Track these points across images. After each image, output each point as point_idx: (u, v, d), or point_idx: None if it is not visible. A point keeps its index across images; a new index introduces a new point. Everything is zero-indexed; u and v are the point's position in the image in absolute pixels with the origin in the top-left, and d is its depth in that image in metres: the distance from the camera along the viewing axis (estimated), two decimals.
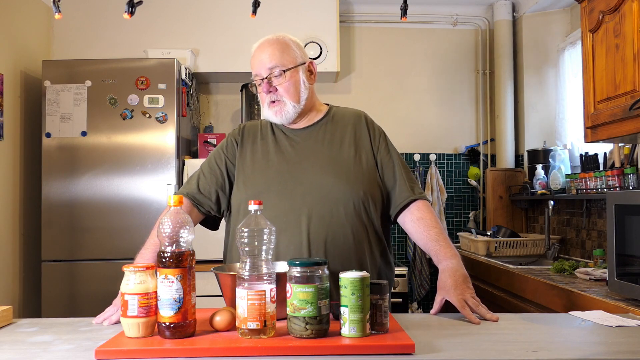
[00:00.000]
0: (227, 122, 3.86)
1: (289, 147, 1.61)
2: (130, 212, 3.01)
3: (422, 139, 3.94)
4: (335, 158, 1.58)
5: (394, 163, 1.63)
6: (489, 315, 1.35)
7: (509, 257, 3.16)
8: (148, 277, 1.14)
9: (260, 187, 1.55)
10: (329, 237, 1.48)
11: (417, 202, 1.59)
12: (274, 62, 1.58)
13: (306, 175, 1.54)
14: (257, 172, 1.59)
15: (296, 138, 1.63)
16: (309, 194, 1.51)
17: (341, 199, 1.51)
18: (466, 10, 3.94)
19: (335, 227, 1.49)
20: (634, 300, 1.78)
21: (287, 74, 1.58)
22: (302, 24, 3.53)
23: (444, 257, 1.48)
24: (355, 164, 1.58)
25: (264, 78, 1.58)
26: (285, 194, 1.52)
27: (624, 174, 2.48)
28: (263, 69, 1.58)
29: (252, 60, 1.61)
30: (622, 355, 1.08)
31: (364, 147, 1.62)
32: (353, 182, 1.54)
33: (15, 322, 1.38)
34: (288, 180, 1.54)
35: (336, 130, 1.64)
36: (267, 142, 1.64)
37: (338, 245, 1.49)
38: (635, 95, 2.05)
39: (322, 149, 1.60)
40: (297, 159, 1.58)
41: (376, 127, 1.69)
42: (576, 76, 3.36)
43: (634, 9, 2.07)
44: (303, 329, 1.11)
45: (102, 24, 3.52)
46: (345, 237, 1.50)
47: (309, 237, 1.47)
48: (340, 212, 1.51)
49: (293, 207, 1.50)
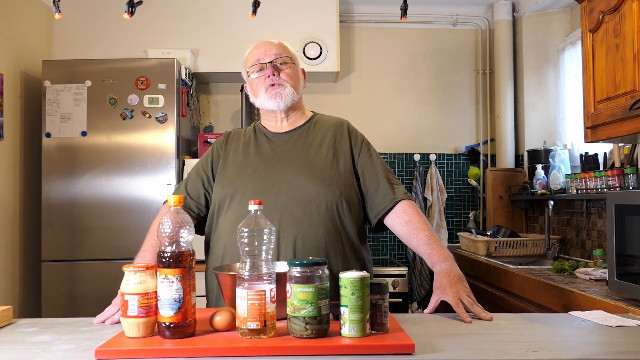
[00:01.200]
0: (227, 122, 3.86)
1: (268, 149, 1.65)
2: (130, 212, 3.01)
3: (422, 139, 3.94)
4: (312, 160, 1.61)
5: (376, 167, 1.64)
6: (483, 315, 1.35)
7: (509, 257, 3.16)
8: (148, 277, 1.14)
9: (237, 185, 1.58)
10: (299, 236, 1.49)
11: (401, 203, 1.59)
12: (281, 51, 1.65)
13: (282, 175, 1.57)
14: (235, 171, 1.62)
15: (277, 141, 1.67)
16: (283, 193, 1.54)
17: (314, 199, 1.53)
18: (466, 10, 3.94)
19: (307, 227, 1.50)
20: (634, 300, 1.78)
21: (291, 64, 1.66)
22: (302, 24, 3.54)
23: (437, 260, 1.49)
24: (332, 166, 1.60)
25: (269, 62, 1.62)
26: (260, 192, 1.54)
27: (624, 174, 2.48)
28: (268, 55, 1.63)
29: (253, 51, 1.67)
30: (622, 355, 1.08)
31: (343, 152, 1.65)
32: (328, 183, 1.56)
33: (15, 322, 1.38)
34: (264, 179, 1.57)
35: (317, 134, 1.67)
36: (249, 145, 1.68)
37: (307, 244, 1.49)
38: (635, 95, 2.05)
39: (300, 151, 1.63)
40: (275, 159, 1.61)
41: (358, 134, 1.72)
42: (576, 76, 3.36)
43: (634, 9, 2.07)
44: (303, 329, 1.11)
45: (102, 24, 3.52)
46: (316, 237, 1.50)
47: (278, 234, 1.48)
48: (313, 212, 1.52)
49: (266, 205, 1.50)
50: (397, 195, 1.60)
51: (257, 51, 1.65)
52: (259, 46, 1.67)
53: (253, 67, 1.65)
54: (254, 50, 1.67)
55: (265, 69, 1.63)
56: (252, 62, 1.66)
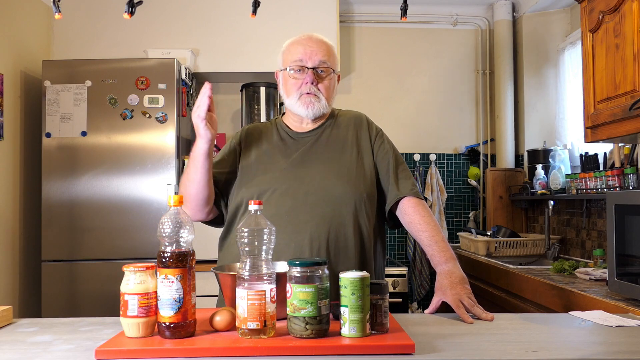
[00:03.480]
0: (227, 122, 3.86)
1: (294, 149, 1.62)
2: (130, 212, 3.01)
3: (422, 139, 3.94)
4: (338, 159, 1.60)
5: (388, 161, 1.63)
6: (484, 315, 1.35)
7: (509, 257, 3.17)
8: (148, 277, 1.14)
9: (264, 186, 1.55)
10: (331, 237, 1.49)
11: (404, 201, 1.58)
12: (326, 58, 1.59)
13: (309, 176, 1.55)
14: (262, 172, 1.59)
15: (301, 140, 1.64)
16: (312, 194, 1.52)
17: (343, 199, 1.52)
18: (466, 10, 3.94)
19: (337, 227, 1.50)
20: (634, 300, 1.78)
21: (332, 75, 1.61)
22: (302, 24, 3.53)
23: (439, 262, 1.49)
24: (357, 165, 1.60)
25: (312, 68, 1.57)
26: (289, 193, 1.53)
27: (624, 174, 2.48)
28: (312, 59, 1.57)
29: (297, 46, 1.59)
30: (622, 355, 1.08)
31: (365, 148, 1.64)
32: (355, 183, 1.56)
33: (15, 322, 1.38)
34: (292, 180, 1.55)
35: (339, 132, 1.65)
36: (272, 144, 1.65)
37: (340, 244, 1.50)
38: (635, 95, 2.05)
39: (326, 151, 1.61)
40: (301, 160, 1.59)
41: (375, 126, 1.71)
42: (576, 76, 3.36)
43: (634, 9, 2.07)
44: (303, 329, 1.11)
45: (102, 24, 3.52)
46: (346, 237, 1.51)
47: (311, 236, 1.48)
48: (342, 212, 1.51)
49: (295, 206, 1.51)
50: (402, 191, 1.59)
51: (303, 49, 1.57)
52: (305, 43, 1.59)
53: (293, 65, 1.59)
54: (298, 46, 1.59)
55: (305, 73, 1.57)
56: (294, 59, 1.58)
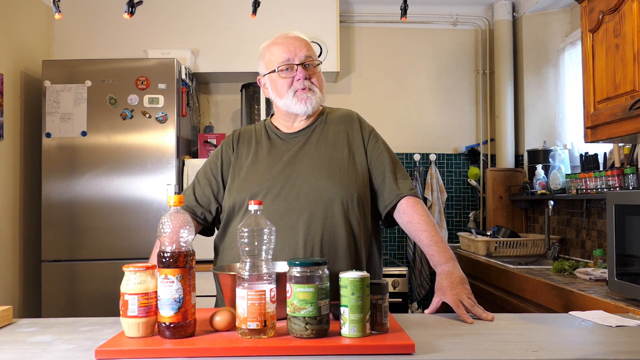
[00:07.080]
0: (227, 122, 3.86)
1: (283, 150, 1.61)
2: (130, 212, 3.01)
3: (422, 139, 3.94)
4: (329, 159, 1.58)
5: (383, 160, 1.62)
6: (484, 315, 1.35)
7: (509, 257, 3.16)
8: (148, 277, 1.14)
9: (255, 189, 1.54)
10: (325, 238, 1.49)
11: (404, 201, 1.57)
12: (310, 52, 1.60)
13: (300, 178, 1.54)
14: (253, 174, 1.58)
15: (291, 141, 1.62)
16: (304, 195, 1.51)
17: (335, 199, 1.51)
18: (466, 10, 3.94)
19: (330, 228, 1.50)
20: (634, 300, 1.78)
21: (319, 67, 1.62)
22: (302, 24, 3.53)
23: (439, 262, 1.48)
24: (349, 164, 1.58)
25: (300, 64, 1.57)
26: (281, 195, 1.52)
27: (624, 174, 2.48)
28: (298, 55, 1.57)
29: (280, 47, 1.58)
30: (622, 355, 1.08)
31: (357, 147, 1.63)
32: (347, 182, 1.54)
33: (15, 322, 1.38)
34: (283, 182, 1.54)
35: (329, 131, 1.64)
36: (262, 146, 1.63)
37: (334, 245, 1.49)
38: (635, 95, 2.05)
39: (316, 151, 1.59)
40: (291, 161, 1.58)
41: (367, 125, 1.70)
42: (576, 76, 3.36)
43: (634, 9, 2.07)
44: (303, 329, 1.11)
45: (102, 24, 3.52)
46: (340, 238, 1.50)
47: (305, 238, 1.47)
48: (335, 213, 1.51)
49: (288, 208, 1.50)
50: (401, 190, 1.58)
51: (287, 47, 1.57)
52: (285, 42, 1.58)
53: (282, 65, 1.57)
54: (281, 47, 1.58)
55: (295, 70, 1.57)
56: (280, 59, 1.57)
